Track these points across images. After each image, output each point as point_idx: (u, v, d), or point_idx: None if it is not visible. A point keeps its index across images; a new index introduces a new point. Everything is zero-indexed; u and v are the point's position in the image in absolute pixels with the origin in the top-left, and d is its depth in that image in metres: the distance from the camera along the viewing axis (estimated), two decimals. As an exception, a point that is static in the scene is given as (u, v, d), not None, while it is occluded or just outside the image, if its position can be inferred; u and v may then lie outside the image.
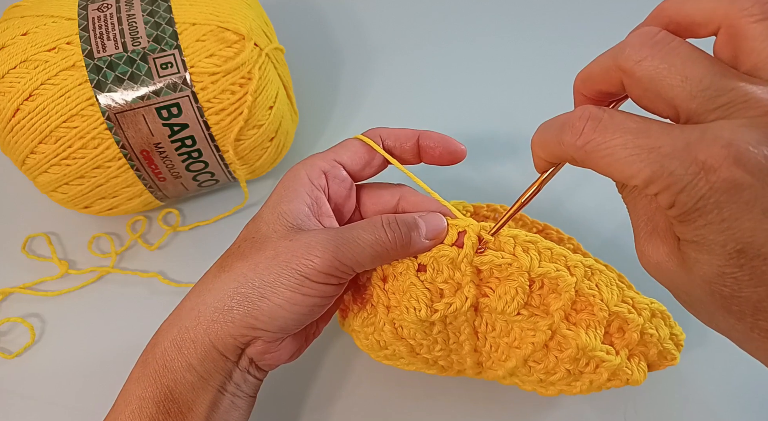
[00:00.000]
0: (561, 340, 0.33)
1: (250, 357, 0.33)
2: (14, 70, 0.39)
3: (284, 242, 0.32)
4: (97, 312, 0.46)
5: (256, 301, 0.31)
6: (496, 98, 0.54)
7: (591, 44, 0.57)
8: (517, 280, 0.33)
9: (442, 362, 0.37)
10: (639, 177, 0.24)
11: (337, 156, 0.36)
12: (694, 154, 0.22)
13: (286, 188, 0.34)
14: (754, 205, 0.22)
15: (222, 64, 0.40)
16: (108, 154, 0.40)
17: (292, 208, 0.33)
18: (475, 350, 0.36)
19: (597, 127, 0.25)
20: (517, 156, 0.51)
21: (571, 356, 0.33)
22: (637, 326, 0.34)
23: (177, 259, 0.48)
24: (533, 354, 0.34)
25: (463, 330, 0.35)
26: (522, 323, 0.34)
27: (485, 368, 0.37)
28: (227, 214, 0.49)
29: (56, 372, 0.44)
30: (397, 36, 0.58)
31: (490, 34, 0.58)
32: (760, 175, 0.22)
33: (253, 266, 0.32)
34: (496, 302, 0.33)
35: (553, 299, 0.33)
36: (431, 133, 0.37)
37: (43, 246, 0.48)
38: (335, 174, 0.35)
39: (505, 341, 0.35)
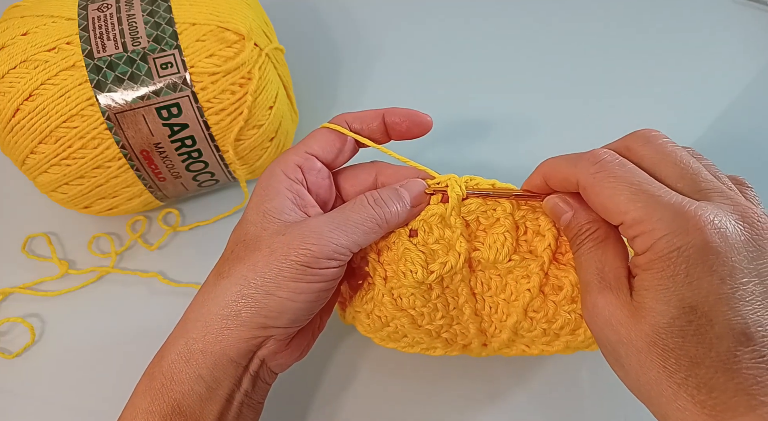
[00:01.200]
0: (555, 282, 0.34)
1: (262, 359, 0.33)
2: (14, 70, 0.39)
3: (277, 237, 0.32)
4: (96, 312, 0.46)
5: (262, 299, 0.31)
6: (497, 98, 0.54)
7: (591, 44, 0.57)
8: (503, 224, 0.34)
9: (445, 335, 0.37)
10: (631, 214, 0.27)
11: (308, 148, 0.36)
12: (684, 212, 0.26)
13: (265, 188, 0.34)
14: (716, 272, 0.25)
15: (222, 64, 0.40)
16: (108, 154, 0.40)
17: (276, 205, 0.33)
18: (476, 314, 0.36)
19: (614, 163, 0.28)
20: (517, 156, 0.51)
21: (568, 296, 0.34)
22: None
23: (177, 259, 0.48)
24: (531, 302, 0.35)
25: (461, 292, 0.35)
26: (515, 270, 0.35)
27: (489, 336, 0.37)
28: (227, 214, 0.49)
29: (56, 372, 0.44)
30: (396, 36, 0.58)
31: (491, 33, 0.58)
32: (730, 249, 0.25)
33: (252, 266, 0.32)
34: (488, 251, 0.34)
35: (538, 241, 0.35)
36: (395, 109, 0.37)
37: (43, 246, 0.48)
38: (310, 166, 0.36)
39: (502, 297, 0.36)
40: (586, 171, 0.29)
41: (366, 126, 0.37)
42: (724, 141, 0.52)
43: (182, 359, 0.32)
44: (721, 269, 0.25)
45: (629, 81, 0.55)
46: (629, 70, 0.55)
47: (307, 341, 0.36)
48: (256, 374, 0.34)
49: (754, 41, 0.57)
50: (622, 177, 0.28)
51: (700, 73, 0.55)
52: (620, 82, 0.55)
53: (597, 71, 0.55)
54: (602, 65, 0.56)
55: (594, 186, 0.28)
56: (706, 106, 0.53)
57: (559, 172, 0.31)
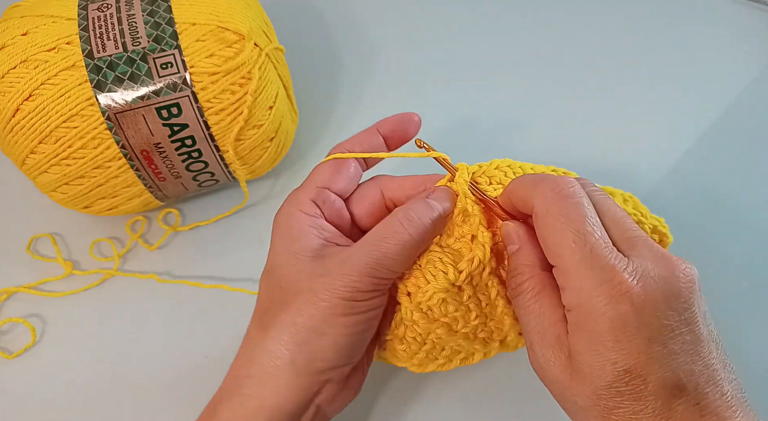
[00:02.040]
0: None
1: (318, 405, 0.33)
2: (14, 70, 0.39)
3: (317, 278, 0.31)
4: (98, 314, 0.46)
5: (316, 341, 0.31)
6: (497, 98, 0.54)
7: (591, 44, 0.57)
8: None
9: (482, 335, 0.36)
10: (565, 263, 0.28)
11: (317, 183, 0.35)
12: (612, 278, 0.26)
13: (288, 230, 0.33)
14: (643, 333, 0.26)
15: (222, 64, 0.40)
16: (108, 154, 0.40)
17: (304, 244, 0.33)
18: (508, 304, 0.35)
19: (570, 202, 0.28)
20: (517, 156, 0.51)
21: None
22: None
23: (177, 259, 0.48)
24: None
25: (492, 284, 0.34)
26: None
27: None
28: (227, 214, 0.49)
29: (55, 373, 0.44)
30: (397, 36, 0.58)
31: (490, 33, 0.58)
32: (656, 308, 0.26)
33: (298, 311, 0.31)
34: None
35: None
36: (384, 121, 0.37)
37: (48, 246, 0.48)
38: (324, 198, 0.35)
39: None
40: (542, 201, 0.29)
41: (368, 146, 0.37)
42: (724, 141, 0.52)
43: (238, 417, 0.31)
44: (647, 330, 0.26)
45: (629, 81, 0.55)
46: (629, 70, 0.55)
47: (360, 377, 0.35)
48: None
49: (754, 41, 0.57)
50: (573, 220, 0.28)
51: (700, 73, 0.55)
52: (620, 82, 0.55)
53: (596, 71, 0.55)
54: (602, 65, 0.56)
55: (543, 219, 0.29)
56: (706, 106, 0.53)
57: (520, 191, 0.31)
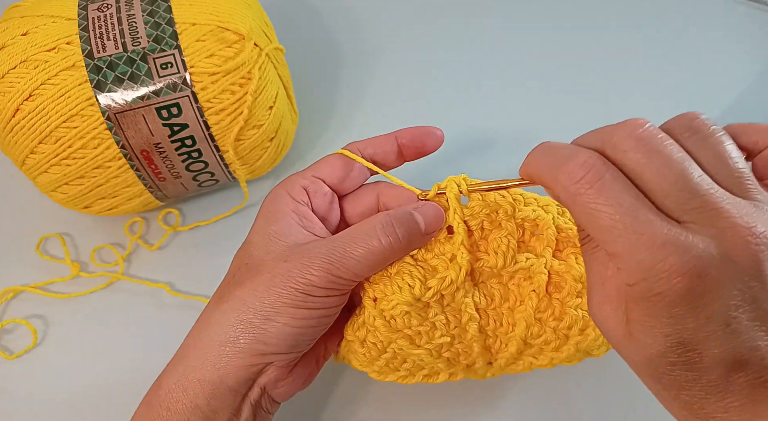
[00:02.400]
0: (556, 279, 0.34)
1: (263, 387, 0.32)
2: (14, 70, 0.39)
3: (280, 263, 0.31)
4: (101, 317, 0.46)
5: (261, 325, 0.31)
6: (497, 97, 0.54)
7: (590, 44, 0.57)
8: (504, 227, 0.34)
9: (446, 354, 0.35)
10: (610, 247, 0.25)
11: (315, 172, 0.36)
12: (665, 255, 0.24)
13: (271, 210, 0.34)
14: (701, 312, 0.24)
15: (222, 64, 0.40)
16: (108, 154, 0.40)
17: (281, 226, 0.33)
18: (480, 331, 0.35)
19: (594, 185, 0.25)
20: (517, 156, 0.51)
21: (572, 292, 0.34)
22: None
23: (177, 259, 0.48)
24: (539, 304, 0.34)
25: (465, 309, 0.34)
26: (516, 275, 0.34)
27: (495, 352, 0.35)
28: (227, 214, 0.49)
29: (55, 376, 0.44)
30: (397, 36, 0.58)
31: (490, 33, 0.58)
32: (716, 287, 0.24)
33: (252, 291, 0.31)
34: (495, 258, 0.33)
35: (536, 242, 0.34)
36: (405, 131, 0.37)
37: (57, 247, 0.48)
38: (316, 189, 0.35)
39: (506, 306, 0.35)
40: (566, 190, 0.26)
41: (380, 150, 0.37)
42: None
43: (179, 388, 0.31)
44: (706, 309, 0.24)
45: (629, 81, 0.55)
46: (629, 70, 0.55)
47: (311, 369, 0.35)
48: (257, 403, 0.33)
49: (754, 41, 0.57)
50: (602, 205, 0.25)
51: (700, 73, 0.55)
52: (620, 82, 0.55)
53: (595, 72, 0.55)
54: (601, 65, 0.56)
55: (570, 207, 0.26)
56: (706, 107, 0.53)
57: (540, 177, 0.28)
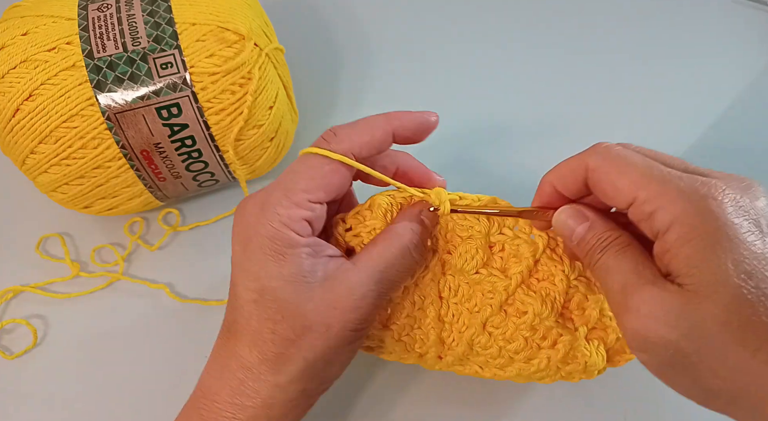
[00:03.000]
0: (519, 306, 0.34)
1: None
2: (14, 70, 0.39)
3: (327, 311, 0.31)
4: (101, 316, 0.46)
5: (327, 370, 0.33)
6: (498, 98, 0.54)
7: (591, 45, 0.57)
8: (476, 240, 0.34)
9: (405, 339, 0.36)
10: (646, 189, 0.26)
11: (311, 196, 0.32)
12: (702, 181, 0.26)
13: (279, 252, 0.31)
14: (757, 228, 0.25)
15: (222, 64, 0.40)
16: (108, 154, 0.40)
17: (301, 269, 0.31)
18: (438, 319, 0.36)
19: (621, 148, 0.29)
20: (517, 156, 0.51)
21: (529, 323, 0.34)
22: (597, 303, 0.34)
23: (177, 259, 0.48)
24: (492, 318, 0.35)
25: (429, 292, 0.36)
26: (482, 284, 0.35)
27: (446, 347, 0.36)
28: (227, 214, 0.49)
29: (55, 375, 0.44)
30: (397, 36, 0.58)
31: (490, 33, 0.58)
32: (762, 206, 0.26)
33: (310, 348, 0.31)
34: (457, 259, 0.35)
35: (513, 263, 0.35)
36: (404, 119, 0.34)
37: (57, 247, 0.48)
38: (316, 216, 0.33)
39: (466, 306, 0.35)
40: (594, 154, 0.29)
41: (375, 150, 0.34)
42: (725, 141, 0.52)
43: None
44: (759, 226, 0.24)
45: (629, 81, 0.55)
46: (628, 70, 0.55)
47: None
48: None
49: (754, 41, 0.57)
50: (632, 157, 0.28)
51: (700, 73, 0.55)
52: (619, 82, 0.55)
53: (595, 72, 0.55)
54: (600, 66, 0.56)
55: (603, 166, 0.28)
56: (706, 107, 0.53)
57: (564, 166, 0.31)
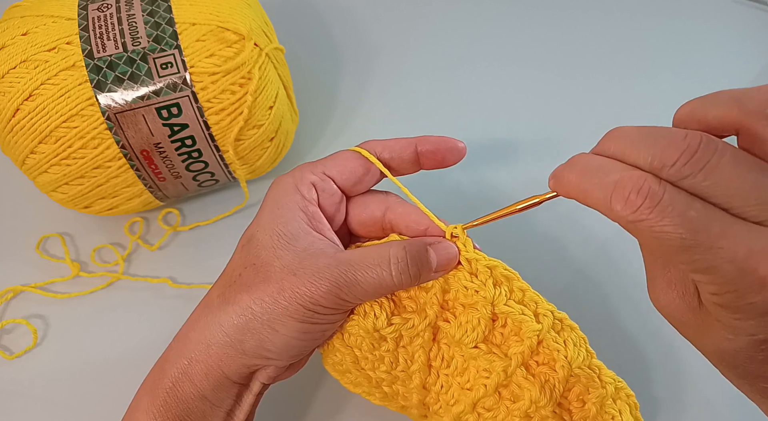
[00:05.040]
0: (515, 390, 0.32)
1: (261, 381, 0.34)
2: (14, 70, 0.39)
3: (289, 275, 0.31)
4: (101, 316, 0.46)
5: (267, 335, 0.31)
6: (497, 99, 0.54)
7: (591, 45, 0.57)
8: (480, 310, 0.32)
9: (385, 388, 0.35)
10: (688, 266, 0.23)
11: (326, 169, 0.35)
12: (754, 266, 0.21)
13: (279, 206, 0.33)
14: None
15: (222, 64, 0.40)
16: (108, 154, 0.40)
17: (291, 228, 0.33)
18: (424, 388, 0.34)
19: (654, 209, 0.22)
20: (516, 157, 0.51)
21: (523, 410, 0.31)
22: (599, 398, 0.32)
23: (177, 259, 0.48)
24: (484, 399, 0.32)
25: (417, 358, 0.33)
26: (478, 360, 0.32)
27: (431, 413, 0.34)
28: (227, 214, 0.49)
29: (55, 375, 0.44)
30: (397, 36, 0.58)
31: (491, 33, 0.58)
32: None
33: (259, 300, 0.31)
34: (456, 329, 0.32)
35: (514, 342, 0.32)
36: (427, 138, 0.36)
37: (57, 246, 0.48)
38: (324, 187, 0.34)
39: (458, 380, 0.33)
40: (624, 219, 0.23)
41: (397, 155, 0.35)
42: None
43: (185, 378, 0.32)
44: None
45: (629, 80, 0.55)
46: (628, 70, 0.55)
47: (303, 361, 0.36)
48: (257, 392, 0.34)
49: (754, 41, 0.57)
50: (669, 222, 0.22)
51: (700, 73, 0.55)
52: (618, 82, 0.55)
53: (595, 72, 0.55)
54: (600, 66, 0.56)
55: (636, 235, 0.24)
56: (706, 106, 0.53)
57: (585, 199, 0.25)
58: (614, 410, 0.32)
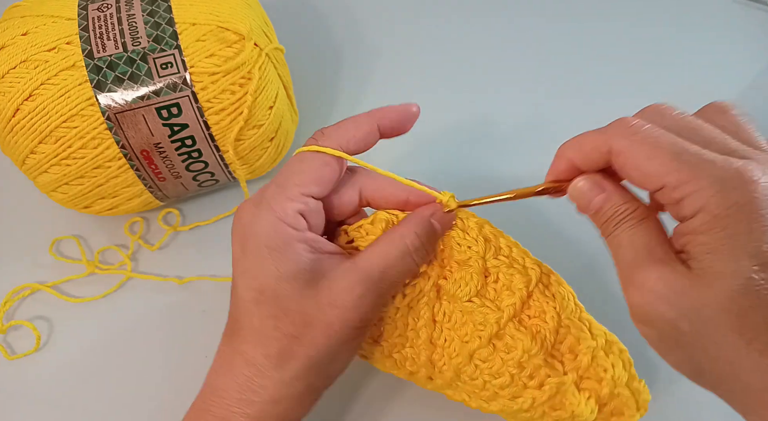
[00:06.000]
0: (509, 341, 0.34)
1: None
2: (14, 70, 0.39)
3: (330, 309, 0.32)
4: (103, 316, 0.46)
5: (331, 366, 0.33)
6: (498, 97, 0.54)
7: (590, 44, 0.57)
8: (473, 266, 0.34)
9: (396, 356, 0.36)
10: (675, 175, 0.25)
11: (303, 188, 0.33)
12: (733, 168, 0.24)
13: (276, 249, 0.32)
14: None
15: (222, 64, 0.40)
16: (108, 154, 0.40)
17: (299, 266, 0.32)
18: (430, 342, 0.35)
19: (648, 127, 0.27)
20: (516, 157, 0.51)
21: (516, 360, 0.33)
22: (589, 349, 0.33)
23: (178, 259, 0.48)
24: (480, 350, 0.34)
25: (423, 315, 0.35)
26: (474, 314, 0.34)
27: (437, 370, 0.36)
28: (227, 214, 0.49)
29: (59, 375, 0.44)
30: (397, 36, 0.58)
31: (491, 32, 0.58)
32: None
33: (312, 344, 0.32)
34: (452, 284, 0.34)
35: (506, 295, 0.34)
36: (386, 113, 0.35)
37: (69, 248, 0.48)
38: (311, 208, 0.33)
39: (458, 334, 0.35)
40: (620, 135, 0.27)
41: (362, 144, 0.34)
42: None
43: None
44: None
45: (628, 81, 0.55)
46: (629, 70, 0.55)
47: None
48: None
49: (754, 41, 0.57)
50: (660, 137, 0.26)
51: (700, 73, 0.55)
52: (619, 82, 0.55)
53: (596, 72, 0.55)
54: (600, 66, 0.56)
55: (630, 148, 0.27)
56: (706, 106, 0.53)
57: (586, 144, 0.29)
58: (606, 363, 0.33)
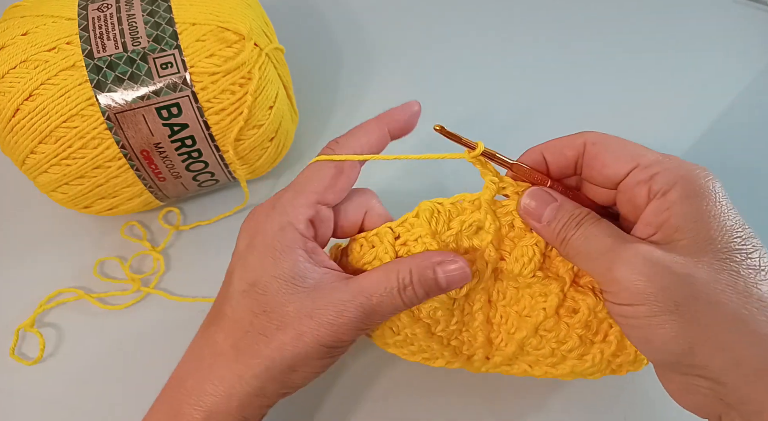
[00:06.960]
0: (571, 304, 0.34)
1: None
2: (14, 70, 0.39)
3: (305, 320, 0.31)
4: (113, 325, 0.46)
5: (289, 376, 0.32)
6: (498, 97, 0.54)
7: (590, 44, 0.57)
8: (533, 236, 0.34)
9: (454, 342, 0.36)
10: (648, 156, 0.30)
11: (320, 197, 0.34)
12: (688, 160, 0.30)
13: (278, 249, 0.33)
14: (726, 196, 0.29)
15: (222, 64, 0.40)
16: (108, 154, 0.40)
17: (296, 270, 0.32)
18: (487, 321, 0.35)
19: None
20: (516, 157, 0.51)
21: (583, 321, 0.33)
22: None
23: (178, 258, 0.48)
24: (545, 322, 0.34)
25: (479, 298, 0.35)
26: (534, 287, 0.34)
27: (495, 348, 0.36)
28: (228, 214, 0.49)
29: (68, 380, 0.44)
30: (397, 36, 0.58)
31: (491, 32, 0.58)
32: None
33: (279, 350, 0.31)
34: (513, 264, 0.34)
35: (560, 262, 0.34)
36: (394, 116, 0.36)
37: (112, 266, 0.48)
38: (322, 218, 0.34)
39: (515, 309, 0.35)
40: (594, 133, 0.32)
41: (375, 149, 0.35)
42: (725, 141, 0.52)
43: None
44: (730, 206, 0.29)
45: (628, 81, 0.55)
46: (628, 70, 0.55)
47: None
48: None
49: (754, 41, 0.57)
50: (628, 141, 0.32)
51: (700, 73, 0.55)
52: (619, 82, 0.55)
53: (595, 71, 0.55)
54: (600, 65, 0.56)
55: (606, 139, 0.32)
56: (706, 106, 0.53)
57: (560, 140, 0.33)
58: None
